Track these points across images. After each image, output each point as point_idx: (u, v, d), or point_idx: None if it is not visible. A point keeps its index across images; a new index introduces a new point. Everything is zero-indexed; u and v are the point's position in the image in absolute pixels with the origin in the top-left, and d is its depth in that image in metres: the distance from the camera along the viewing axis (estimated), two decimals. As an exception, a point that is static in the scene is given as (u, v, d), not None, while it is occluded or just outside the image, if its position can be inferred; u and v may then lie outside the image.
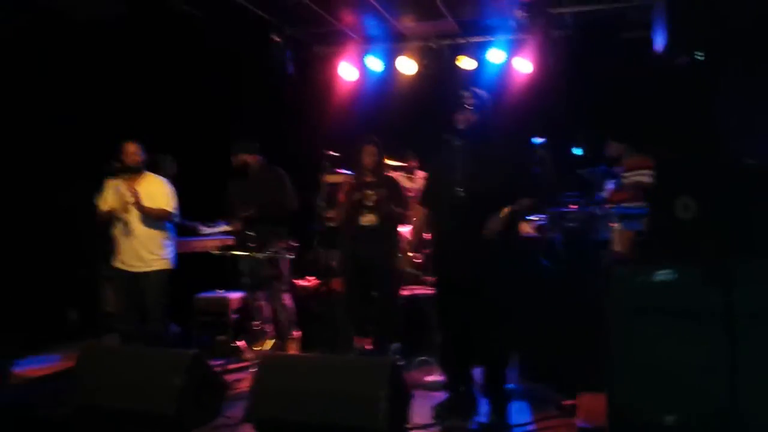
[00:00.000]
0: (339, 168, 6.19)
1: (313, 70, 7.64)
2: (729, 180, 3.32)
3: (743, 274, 2.91)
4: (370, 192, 4.69)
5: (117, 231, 4.76)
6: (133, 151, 4.77)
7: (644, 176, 4.59)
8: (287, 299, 5.08)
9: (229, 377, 4.53)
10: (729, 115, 4.36)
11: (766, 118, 4.22)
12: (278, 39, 7.01)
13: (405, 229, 6.19)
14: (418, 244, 6.42)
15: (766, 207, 3.22)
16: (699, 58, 4.66)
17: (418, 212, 4.20)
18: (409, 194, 6.62)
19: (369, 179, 4.83)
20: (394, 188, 4.88)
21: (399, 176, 6.71)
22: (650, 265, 3.11)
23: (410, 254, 6.20)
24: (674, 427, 2.88)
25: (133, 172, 4.76)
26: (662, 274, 3.05)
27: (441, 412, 3.77)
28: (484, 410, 3.77)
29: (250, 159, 5.10)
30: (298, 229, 5.23)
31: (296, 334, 5.09)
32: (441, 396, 4.20)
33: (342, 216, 4.81)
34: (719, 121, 4.38)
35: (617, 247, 3.92)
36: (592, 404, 3.38)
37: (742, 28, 4.29)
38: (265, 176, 5.13)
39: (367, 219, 4.75)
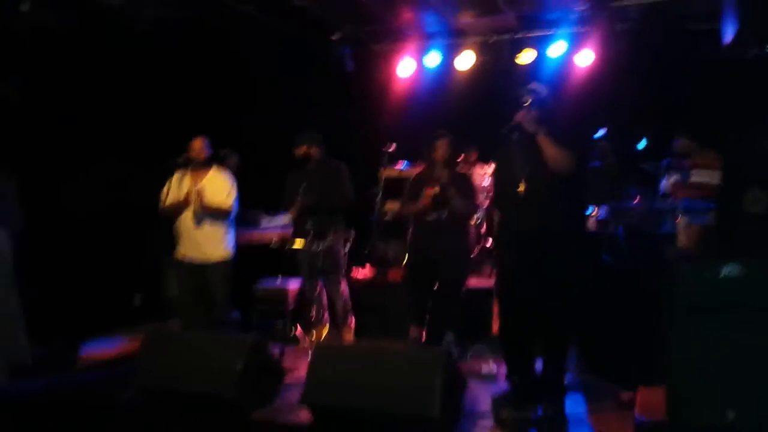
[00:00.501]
0: (397, 162, 6.26)
1: (372, 67, 7.69)
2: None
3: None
4: (441, 186, 4.68)
5: (180, 223, 4.90)
6: (199, 146, 4.90)
7: (712, 177, 4.45)
8: (344, 288, 5.15)
9: (287, 363, 4.61)
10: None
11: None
12: (337, 37, 7.09)
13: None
14: (476, 236, 6.45)
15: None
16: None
17: None
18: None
19: (439, 173, 4.83)
20: (465, 183, 4.86)
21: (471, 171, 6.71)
22: (716, 260, 3.02)
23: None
24: (735, 423, 2.79)
25: (198, 165, 4.90)
26: (728, 270, 2.96)
27: (499, 402, 3.75)
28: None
29: (313, 150, 5.18)
30: (356, 221, 5.28)
31: (351, 322, 5.15)
32: (496, 386, 4.21)
33: (412, 209, 4.81)
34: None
35: (682, 241, 3.82)
36: (650, 399, 3.31)
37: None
38: (325, 168, 5.20)
39: (438, 213, 4.74)
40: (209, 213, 4.82)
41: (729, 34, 4.81)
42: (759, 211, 3.16)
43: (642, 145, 5.69)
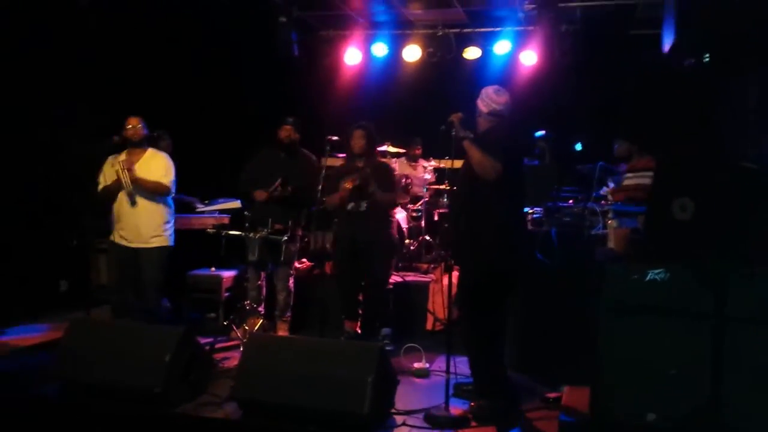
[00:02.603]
0: (340, 152, 6.18)
1: (319, 54, 7.59)
2: (728, 183, 3.30)
3: (735, 278, 2.90)
4: (359, 177, 4.68)
5: (118, 206, 4.74)
6: (134, 124, 4.74)
7: (647, 178, 4.57)
8: (291, 282, 5.08)
9: (218, 355, 4.53)
10: (732, 119, 4.34)
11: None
12: (285, 20, 6.96)
13: (401, 216, 6.20)
14: (414, 230, 6.48)
15: (763, 212, 3.20)
16: (705, 60, 4.62)
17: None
18: (408, 181, 6.63)
19: (359, 164, 4.82)
20: (384, 173, 4.87)
21: (397, 162, 6.72)
22: (643, 263, 3.10)
23: (406, 241, 6.26)
24: (655, 424, 2.89)
25: (134, 146, 4.73)
26: (655, 274, 3.04)
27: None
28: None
29: (295, 137, 5.07)
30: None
31: (288, 317, 5.08)
32: (428, 382, 4.23)
33: (333, 200, 4.80)
34: (722, 124, 4.35)
35: (612, 243, 3.91)
36: (576, 398, 3.39)
37: (751, 29, 4.25)
38: (301, 159, 5.12)
39: (357, 203, 4.74)
40: (144, 189, 4.66)
41: (668, 43, 4.94)
42: (686, 218, 3.25)
43: (578, 147, 5.80)
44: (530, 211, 4.68)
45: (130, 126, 4.72)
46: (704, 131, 4.32)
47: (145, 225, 4.71)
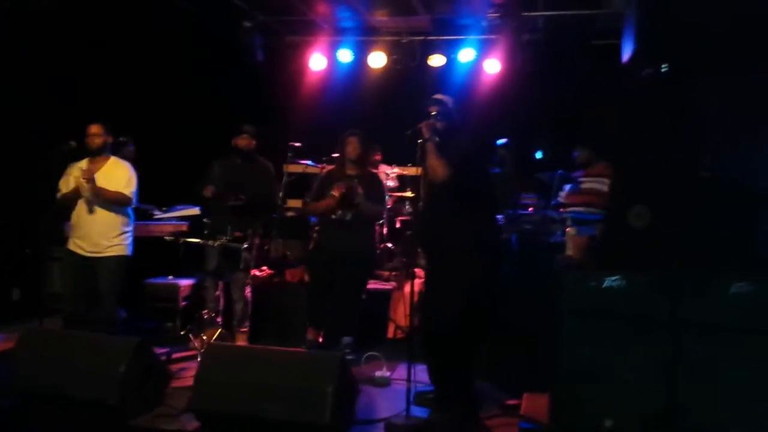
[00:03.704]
0: (302, 159, 6.14)
1: (283, 59, 7.55)
2: (684, 192, 3.36)
3: (690, 285, 2.95)
4: (349, 185, 4.63)
5: (76, 214, 4.62)
6: (94, 132, 4.62)
7: (602, 184, 4.65)
8: (248, 291, 5.01)
9: (175, 366, 4.45)
10: (690, 127, 4.42)
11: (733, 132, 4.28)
12: (249, 24, 6.90)
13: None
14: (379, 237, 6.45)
15: (718, 219, 3.26)
16: (663, 70, 4.71)
17: None
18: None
19: (350, 172, 4.77)
20: (373, 184, 4.82)
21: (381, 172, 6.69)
22: (600, 271, 3.13)
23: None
24: (613, 430, 2.91)
25: (95, 154, 4.62)
26: (611, 281, 3.08)
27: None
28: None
29: (252, 144, 5.01)
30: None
31: (247, 326, 5.01)
32: (389, 391, 4.21)
33: (318, 207, 4.73)
34: (680, 133, 4.43)
35: (570, 251, 3.96)
36: (535, 404, 3.41)
37: (710, 40, 4.34)
38: (258, 167, 5.07)
39: (339, 212, 4.68)
40: (105, 199, 4.56)
41: (627, 53, 5.02)
42: (642, 226, 3.30)
43: (539, 155, 5.86)
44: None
45: (91, 134, 4.60)
46: (662, 140, 4.40)
47: (103, 234, 4.60)
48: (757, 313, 2.83)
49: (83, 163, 4.62)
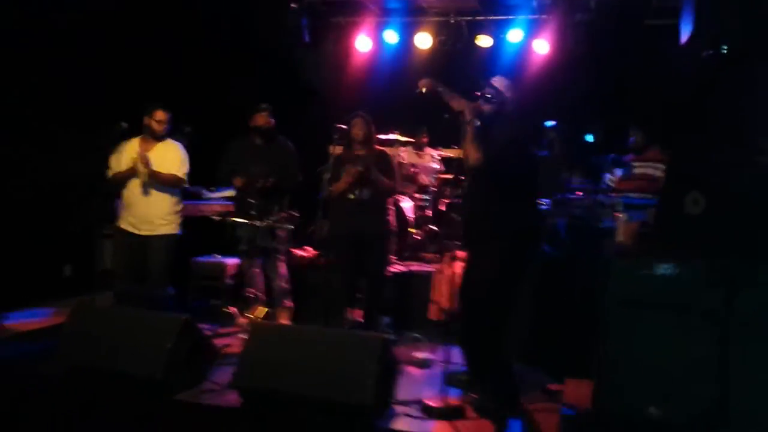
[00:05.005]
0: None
1: (329, 40, 7.52)
2: (741, 179, 3.23)
3: (745, 276, 2.84)
4: (359, 165, 4.64)
5: (128, 193, 4.71)
6: (162, 118, 4.69)
7: (655, 169, 4.51)
8: (283, 269, 5.05)
9: (220, 342, 4.52)
10: (749, 112, 4.24)
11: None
12: (296, 6, 6.90)
13: (407, 205, 6.15)
14: (420, 220, 6.43)
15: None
16: (723, 51, 4.52)
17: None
18: (415, 170, 6.56)
19: (359, 152, 4.78)
20: (384, 161, 4.83)
21: (404, 151, 6.66)
22: (652, 258, 3.04)
23: (412, 230, 6.20)
24: (657, 420, 2.84)
25: (158, 139, 4.71)
26: (663, 269, 2.99)
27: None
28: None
29: (270, 123, 5.04)
30: (301, 199, 5.18)
31: (289, 304, 5.07)
32: (430, 372, 4.20)
33: (339, 186, 4.77)
34: (738, 118, 4.25)
35: (620, 237, 3.85)
36: (578, 391, 3.37)
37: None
38: (279, 146, 5.08)
39: (357, 191, 4.70)
40: (159, 182, 4.65)
41: (685, 34, 4.83)
42: (697, 212, 3.19)
43: (589, 138, 5.71)
44: (539, 202, 4.62)
45: (158, 119, 4.68)
46: (720, 124, 4.23)
47: (155, 213, 4.69)
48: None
49: (136, 143, 4.70)
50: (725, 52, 4.45)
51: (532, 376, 4.01)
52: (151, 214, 4.67)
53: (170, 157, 4.71)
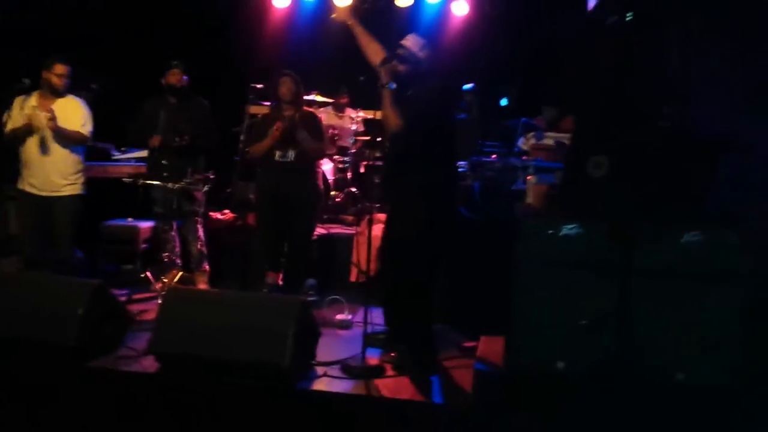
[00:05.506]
0: (264, 100, 6.01)
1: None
2: (642, 142, 3.40)
3: (644, 234, 3.02)
4: (287, 123, 4.59)
5: (27, 152, 4.49)
6: (62, 72, 4.45)
7: (569, 139, 4.66)
8: (200, 231, 4.97)
9: (135, 308, 4.44)
10: (651, 77, 4.44)
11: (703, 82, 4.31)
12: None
13: (327, 167, 6.13)
14: (340, 182, 6.44)
15: (675, 169, 3.32)
16: (628, 19, 4.69)
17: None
18: (335, 132, 6.53)
19: (287, 113, 4.72)
20: (312, 122, 4.79)
21: (324, 112, 6.61)
22: (558, 219, 3.19)
23: (332, 193, 6.21)
24: (564, 373, 3.02)
25: (59, 95, 4.47)
26: (568, 229, 3.13)
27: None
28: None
29: (183, 81, 4.85)
30: (216, 161, 5.07)
31: (206, 267, 5.01)
32: (351, 334, 4.28)
33: (259, 149, 4.70)
34: (641, 82, 4.45)
35: (530, 199, 4.00)
36: (491, 347, 3.50)
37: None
38: (194, 105, 4.93)
39: (284, 151, 4.66)
40: (63, 139, 4.43)
41: (593, 1, 4.97)
42: (600, 175, 3.35)
43: (504, 102, 5.85)
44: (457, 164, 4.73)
45: (59, 74, 4.42)
46: (623, 90, 4.43)
47: (57, 172, 4.50)
48: (706, 261, 2.93)
49: (33, 99, 4.46)
50: (629, 19, 4.63)
51: (448, 335, 4.14)
52: (52, 174, 4.49)
53: (72, 114, 4.51)
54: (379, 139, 6.07)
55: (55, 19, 5.57)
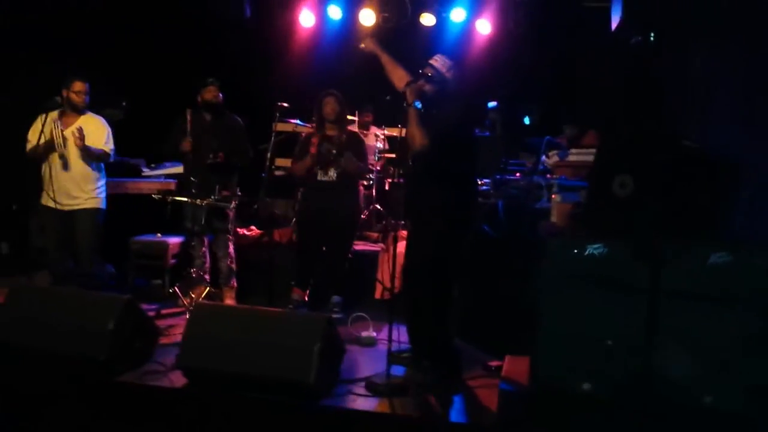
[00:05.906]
0: (290, 118, 6.10)
1: (271, 15, 7.39)
2: (667, 162, 3.39)
3: (670, 254, 3.01)
4: (331, 146, 4.64)
5: (48, 167, 4.59)
6: (81, 89, 4.57)
7: (592, 155, 4.65)
8: (231, 248, 5.04)
9: (163, 323, 4.50)
10: (676, 96, 4.44)
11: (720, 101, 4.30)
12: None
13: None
14: (365, 200, 6.48)
15: (701, 190, 3.31)
16: (651, 39, 4.70)
17: None
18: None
19: (330, 133, 4.77)
20: (356, 142, 4.83)
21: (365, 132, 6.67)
22: (583, 238, 3.19)
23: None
24: (590, 394, 3.01)
25: (80, 112, 4.58)
26: (593, 248, 3.13)
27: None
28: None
29: (219, 98, 4.94)
30: (242, 177, 5.15)
31: (234, 284, 5.06)
32: (375, 351, 4.29)
33: (303, 168, 4.75)
34: (665, 102, 4.45)
35: (554, 217, 3.99)
36: (516, 367, 3.48)
37: (695, 7, 4.32)
38: (228, 122, 5.01)
39: (326, 172, 4.70)
40: (89, 156, 4.55)
41: (615, 20, 4.98)
42: (625, 195, 3.34)
43: (527, 120, 5.86)
44: (479, 182, 4.74)
45: (78, 90, 4.55)
46: (648, 109, 4.42)
47: (77, 187, 4.62)
48: (733, 283, 2.90)
49: (54, 117, 4.57)
50: (653, 39, 4.64)
51: (472, 354, 4.13)
52: (73, 188, 4.60)
53: (95, 132, 4.63)
54: (395, 156, 6.12)
55: (86, 36, 5.69)
